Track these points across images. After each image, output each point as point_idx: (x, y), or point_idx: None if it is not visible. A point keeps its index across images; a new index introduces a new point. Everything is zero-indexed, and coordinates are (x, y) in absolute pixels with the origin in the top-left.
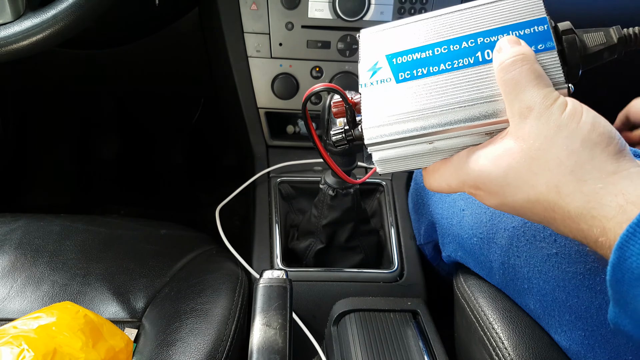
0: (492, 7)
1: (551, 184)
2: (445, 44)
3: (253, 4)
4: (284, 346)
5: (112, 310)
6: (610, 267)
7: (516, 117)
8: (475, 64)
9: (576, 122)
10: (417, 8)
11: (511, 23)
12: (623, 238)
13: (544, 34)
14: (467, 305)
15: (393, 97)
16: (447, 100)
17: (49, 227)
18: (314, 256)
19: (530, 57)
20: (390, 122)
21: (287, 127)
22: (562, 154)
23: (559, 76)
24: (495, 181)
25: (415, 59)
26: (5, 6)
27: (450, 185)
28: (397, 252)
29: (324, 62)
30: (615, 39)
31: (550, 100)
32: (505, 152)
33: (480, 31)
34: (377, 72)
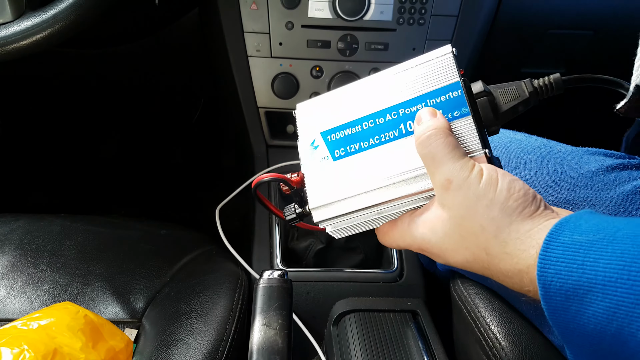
0: (409, 74)
1: (480, 247)
2: (372, 117)
3: (253, 3)
4: (283, 346)
5: (112, 311)
6: (543, 301)
7: (439, 189)
8: (400, 136)
9: (493, 191)
10: (417, 8)
11: (428, 91)
12: (539, 267)
13: (458, 100)
14: (464, 306)
15: (333, 175)
16: (379, 177)
17: (49, 227)
18: (313, 256)
19: (444, 130)
20: (333, 201)
21: (287, 127)
22: (484, 221)
23: (475, 143)
24: (436, 246)
25: (347, 135)
26: (6, 6)
27: (399, 245)
28: (397, 252)
29: (324, 61)
30: (527, 93)
31: (467, 171)
32: (437, 219)
33: (401, 102)
34: (315, 149)
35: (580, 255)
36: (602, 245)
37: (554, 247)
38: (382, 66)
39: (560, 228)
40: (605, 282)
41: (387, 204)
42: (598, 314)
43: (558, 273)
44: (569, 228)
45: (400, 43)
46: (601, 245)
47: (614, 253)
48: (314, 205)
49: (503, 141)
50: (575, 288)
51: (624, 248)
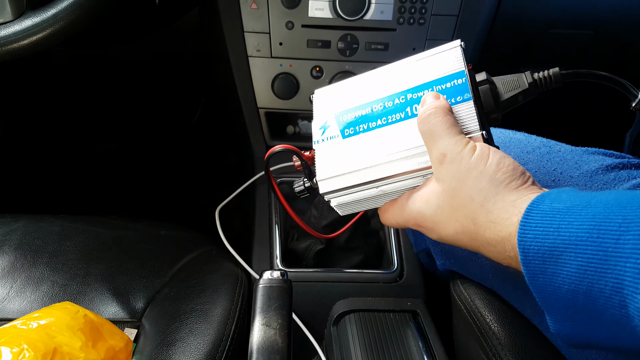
0: (420, 64)
1: (468, 217)
2: (381, 101)
3: (253, 3)
4: (283, 346)
5: (112, 311)
6: (523, 266)
7: (435, 163)
8: (405, 118)
9: (483, 164)
10: (417, 7)
11: (435, 78)
12: (520, 233)
13: (462, 87)
14: (464, 306)
15: (341, 152)
16: (384, 153)
17: (49, 228)
18: (313, 257)
19: (443, 109)
20: (340, 174)
21: (287, 127)
22: (473, 191)
23: (473, 124)
24: (430, 219)
25: (357, 116)
26: (6, 5)
27: (398, 223)
28: (397, 252)
29: (324, 61)
30: (526, 84)
31: (461, 146)
32: (432, 193)
33: (409, 88)
34: (327, 129)
35: (556, 220)
36: (577, 210)
37: (534, 214)
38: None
39: (542, 198)
40: (577, 242)
41: (388, 179)
42: (571, 273)
43: (536, 237)
44: (549, 198)
45: (401, 43)
46: (576, 210)
47: (587, 215)
48: (322, 177)
49: (503, 141)
50: (552, 250)
51: (596, 211)
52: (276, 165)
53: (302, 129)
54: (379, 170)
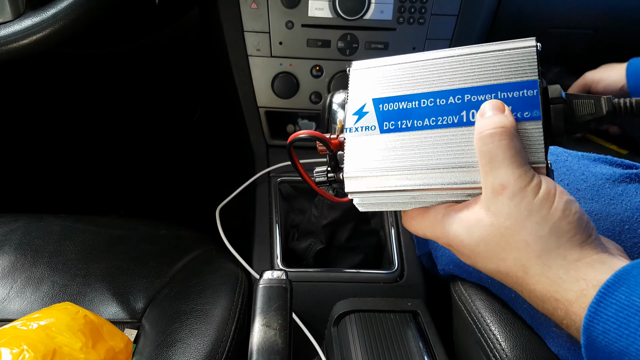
0: (485, 58)
1: (519, 263)
2: (432, 96)
3: (253, 2)
4: (284, 347)
5: (112, 311)
6: (584, 349)
7: (490, 192)
8: (459, 124)
9: (547, 208)
10: (417, 7)
11: (501, 82)
12: (587, 320)
13: (532, 101)
14: (464, 307)
15: (375, 148)
16: (427, 161)
17: (49, 228)
18: (314, 256)
19: (510, 131)
20: (370, 175)
21: (287, 127)
22: (530, 238)
23: (539, 152)
24: (468, 247)
25: (401, 109)
26: (5, 5)
27: (425, 234)
28: (397, 252)
29: (324, 61)
30: (604, 111)
31: (525, 181)
32: (477, 221)
33: (469, 87)
34: (363, 117)
35: (634, 322)
36: None
37: (608, 303)
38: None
39: (618, 282)
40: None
41: (427, 191)
42: None
43: (606, 332)
44: (627, 285)
45: (400, 42)
46: None
47: None
48: (350, 174)
49: None
50: (621, 354)
51: None
52: (276, 164)
53: (302, 128)
54: (417, 178)
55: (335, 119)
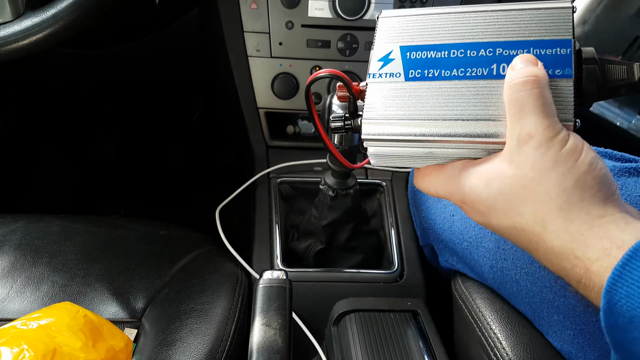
0: (519, 15)
1: (538, 217)
2: (463, 48)
3: (253, 3)
4: (284, 346)
5: (112, 311)
6: (603, 313)
7: (515, 141)
8: (489, 76)
9: (574, 161)
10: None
11: (534, 39)
12: (610, 282)
13: (565, 59)
14: (464, 306)
15: (398, 95)
16: (452, 111)
17: (49, 228)
18: (314, 256)
19: (542, 81)
20: (391, 121)
21: (287, 127)
22: (553, 190)
23: (568, 107)
24: (485, 202)
25: (429, 57)
26: (5, 5)
27: (437, 192)
28: (397, 252)
29: (324, 61)
30: (635, 77)
31: (553, 132)
32: (498, 175)
33: (501, 41)
34: (388, 63)
35: None
36: None
37: (635, 267)
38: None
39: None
40: None
41: (447, 142)
42: None
43: (630, 296)
44: None
45: None
46: None
47: None
48: (369, 116)
49: None
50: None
51: None
52: (276, 164)
53: (302, 129)
54: (440, 127)
55: None
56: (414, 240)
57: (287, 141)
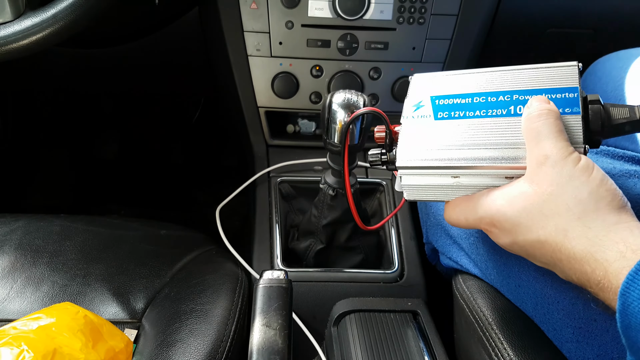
0: (533, 72)
1: (560, 227)
2: (484, 95)
3: (253, 2)
4: (284, 346)
5: (112, 311)
6: (618, 314)
7: (533, 163)
8: (507, 115)
9: (587, 176)
10: (417, 7)
11: (546, 87)
12: (625, 284)
13: (573, 100)
14: (466, 305)
15: (429, 131)
16: (476, 140)
17: (49, 228)
18: (314, 256)
19: (554, 113)
20: (422, 150)
21: (287, 127)
22: (570, 201)
23: (578, 136)
24: (510, 220)
25: (455, 103)
26: (5, 5)
27: (467, 220)
28: (398, 252)
29: (324, 61)
30: (637, 115)
31: (566, 152)
32: (520, 194)
33: (517, 89)
34: (420, 108)
35: None
36: None
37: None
38: (383, 65)
39: None
40: None
41: (472, 169)
42: None
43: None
44: None
45: (400, 42)
46: None
47: None
48: (403, 148)
49: None
50: None
51: None
52: (276, 164)
53: (302, 128)
54: (466, 155)
55: (335, 119)
56: (414, 240)
57: (287, 140)
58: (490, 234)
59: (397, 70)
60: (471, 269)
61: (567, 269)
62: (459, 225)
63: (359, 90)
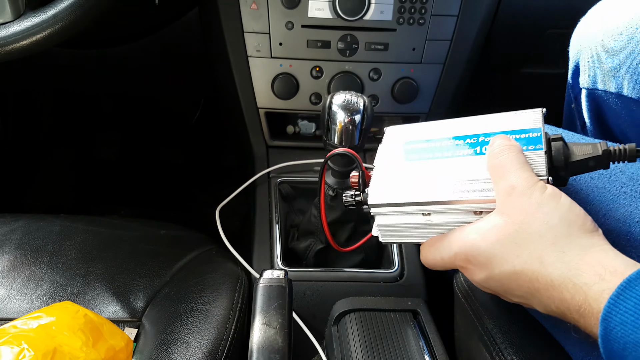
0: (499, 117)
1: (534, 255)
2: (452, 139)
3: (253, 3)
4: (284, 345)
5: (112, 310)
6: (601, 339)
7: (502, 195)
8: (473, 154)
9: (555, 202)
10: (417, 7)
11: (511, 129)
12: (606, 309)
13: (536, 139)
14: (466, 303)
15: (400, 171)
16: (443, 178)
17: (49, 228)
18: (314, 256)
19: (516, 148)
20: (393, 188)
21: (287, 127)
22: (542, 228)
23: (541, 169)
24: (484, 253)
25: (424, 147)
26: (5, 5)
27: (443, 259)
28: (398, 252)
29: (324, 61)
30: (600, 151)
31: (532, 182)
32: (492, 227)
33: (483, 132)
34: (392, 153)
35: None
36: None
37: (628, 296)
38: (383, 66)
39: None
40: None
41: (443, 206)
42: None
43: (623, 324)
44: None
45: (401, 43)
46: None
47: None
48: (375, 187)
49: None
50: (635, 345)
51: None
52: (276, 164)
53: (301, 129)
54: (437, 192)
55: (335, 120)
56: None
57: (287, 141)
58: (465, 270)
59: (397, 71)
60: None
61: (546, 298)
62: (435, 266)
63: (359, 91)
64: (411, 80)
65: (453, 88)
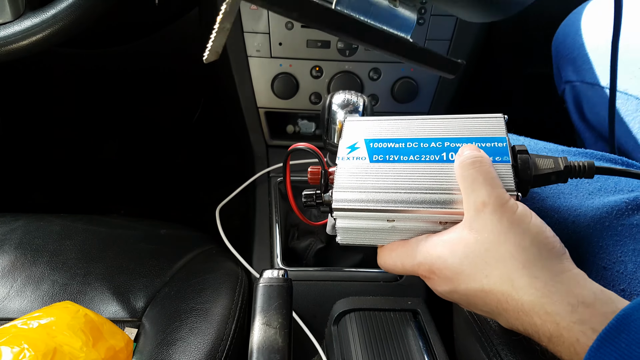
0: (462, 121)
1: (505, 276)
2: (417, 141)
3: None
4: (284, 345)
5: (112, 310)
6: None
7: (472, 210)
8: (440, 161)
9: (527, 223)
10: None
11: (476, 136)
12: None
13: (502, 150)
14: None
15: (364, 172)
16: (411, 184)
17: (49, 227)
18: (314, 255)
19: (487, 161)
20: (357, 191)
21: (287, 127)
22: (513, 249)
23: (510, 184)
24: (451, 267)
25: (389, 147)
26: (5, 6)
27: (404, 266)
28: None
29: (324, 61)
30: (561, 166)
31: (504, 200)
32: (461, 240)
33: (448, 137)
34: (355, 150)
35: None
36: None
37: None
38: (382, 66)
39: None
40: None
41: (408, 210)
42: None
43: None
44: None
45: None
46: None
47: None
48: (338, 188)
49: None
50: None
51: None
52: (276, 164)
53: (301, 129)
54: (402, 198)
55: (335, 120)
56: None
57: (287, 140)
58: (427, 280)
59: (397, 71)
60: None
61: (514, 319)
62: (393, 271)
63: (359, 91)
64: (411, 80)
65: (453, 88)
